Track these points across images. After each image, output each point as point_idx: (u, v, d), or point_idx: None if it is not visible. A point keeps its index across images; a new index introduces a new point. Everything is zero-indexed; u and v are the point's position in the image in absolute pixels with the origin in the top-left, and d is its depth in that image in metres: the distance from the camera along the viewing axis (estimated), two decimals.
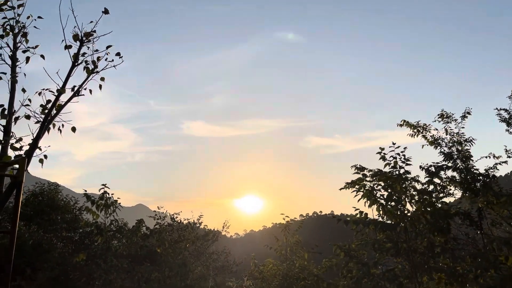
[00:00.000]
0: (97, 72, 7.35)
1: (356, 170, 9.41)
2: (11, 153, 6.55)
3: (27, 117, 6.71)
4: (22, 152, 6.65)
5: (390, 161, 7.72)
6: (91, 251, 10.33)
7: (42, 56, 7.06)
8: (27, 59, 6.98)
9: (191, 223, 18.59)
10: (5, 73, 6.70)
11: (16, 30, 7.18)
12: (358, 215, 7.33)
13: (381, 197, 6.90)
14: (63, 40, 6.95)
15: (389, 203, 6.97)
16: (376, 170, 8.72)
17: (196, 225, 19.29)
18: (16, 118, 6.70)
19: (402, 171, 7.55)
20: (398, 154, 7.70)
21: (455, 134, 8.44)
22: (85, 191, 9.79)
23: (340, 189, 10.20)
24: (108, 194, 9.63)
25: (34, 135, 6.73)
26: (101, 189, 9.54)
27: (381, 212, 6.75)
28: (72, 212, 16.71)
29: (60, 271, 10.41)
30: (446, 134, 8.50)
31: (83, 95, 7.21)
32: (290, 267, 9.81)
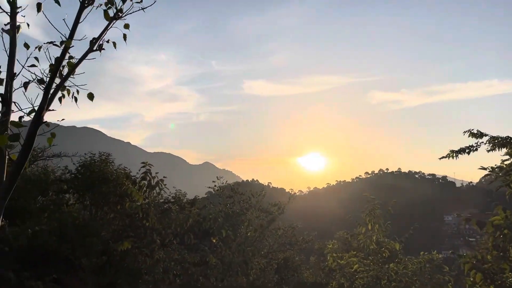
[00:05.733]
0: (120, 17, 5.47)
1: (470, 136, 7.25)
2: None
3: (41, 81, 5.06)
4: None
5: None
6: (138, 239, 9.01)
7: (57, 2, 5.26)
8: (39, 6, 5.14)
9: (255, 195, 17.04)
10: None
11: None
12: None
13: None
14: None
15: None
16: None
17: (260, 196, 17.75)
18: (26, 84, 5.05)
19: None
20: None
21: None
22: (128, 171, 8.25)
23: (441, 158, 8.13)
24: (151, 173, 8.02)
25: (37, 106, 5.06)
26: (142, 167, 7.94)
27: None
28: (126, 185, 15.67)
29: (107, 259, 9.25)
30: None
31: (104, 49, 5.39)
32: (381, 268, 7.77)
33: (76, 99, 5.37)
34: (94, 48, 5.19)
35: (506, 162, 5.27)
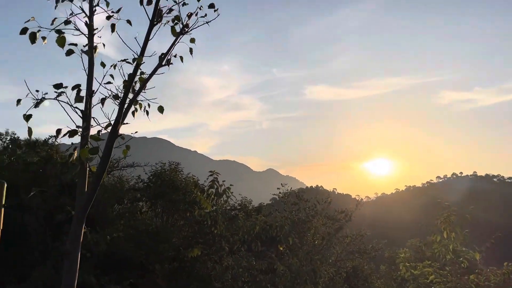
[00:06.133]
0: (187, 32, 5.68)
1: None
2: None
3: (116, 97, 5.39)
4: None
5: None
6: (207, 246, 9.24)
7: (129, 22, 5.63)
8: (113, 26, 5.51)
9: (320, 202, 16.77)
10: (75, 44, 5.32)
11: None
12: None
13: None
14: None
15: None
16: None
17: (326, 203, 17.46)
18: (103, 100, 5.38)
19: None
20: None
21: None
22: (196, 179, 8.52)
23: None
24: (218, 181, 8.21)
25: (113, 121, 5.35)
26: (209, 176, 8.16)
27: None
28: (195, 193, 16.15)
29: (178, 265, 9.59)
30: None
31: (172, 63, 5.63)
32: (459, 279, 7.30)
33: (147, 113, 5.65)
34: (163, 63, 5.43)
35: None
